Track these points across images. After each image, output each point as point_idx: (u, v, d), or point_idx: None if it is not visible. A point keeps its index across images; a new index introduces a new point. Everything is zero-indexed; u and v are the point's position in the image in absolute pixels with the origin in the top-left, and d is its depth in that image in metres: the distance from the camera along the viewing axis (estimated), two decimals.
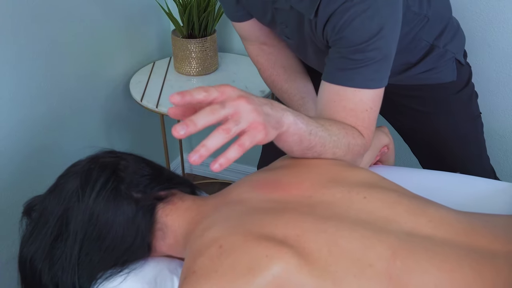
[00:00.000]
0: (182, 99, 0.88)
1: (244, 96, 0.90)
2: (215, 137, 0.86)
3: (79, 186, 1.12)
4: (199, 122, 0.87)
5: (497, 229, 1.03)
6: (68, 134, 1.99)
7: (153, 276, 1.18)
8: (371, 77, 1.19)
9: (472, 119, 1.64)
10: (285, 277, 0.91)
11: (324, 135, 1.11)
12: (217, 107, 0.87)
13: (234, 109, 0.88)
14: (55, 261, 1.13)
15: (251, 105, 0.89)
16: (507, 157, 2.20)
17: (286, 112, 1.00)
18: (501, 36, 1.97)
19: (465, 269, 0.92)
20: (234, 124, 0.87)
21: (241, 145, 0.87)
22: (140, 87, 2.18)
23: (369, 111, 1.21)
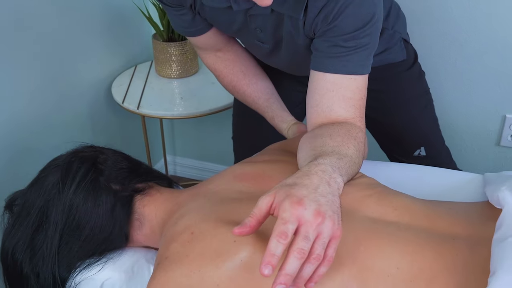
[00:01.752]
0: (275, 265, 0.80)
1: (319, 213, 0.84)
2: (309, 267, 0.83)
3: (59, 178, 1.17)
4: (294, 272, 0.82)
5: (459, 214, 1.08)
6: (50, 136, 2.02)
7: (130, 265, 1.22)
8: (363, 63, 1.19)
9: (424, 94, 1.67)
10: (253, 262, 0.96)
11: (353, 170, 1.07)
12: (303, 245, 0.82)
13: (316, 233, 0.84)
14: (36, 251, 1.16)
15: (327, 219, 0.85)
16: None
17: (337, 179, 0.95)
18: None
19: (426, 251, 0.97)
20: (321, 248, 0.84)
21: (330, 259, 0.85)
22: (122, 90, 2.22)
23: (363, 99, 1.22)
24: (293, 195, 0.86)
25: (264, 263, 0.79)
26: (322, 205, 0.86)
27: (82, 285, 1.19)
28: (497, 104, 2.14)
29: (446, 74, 2.13)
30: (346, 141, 1.10)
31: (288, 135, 1.53)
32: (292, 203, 0.84)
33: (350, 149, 1.08)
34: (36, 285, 1.17)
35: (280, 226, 0.82)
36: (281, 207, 0.85)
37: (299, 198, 0.85)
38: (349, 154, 1.06)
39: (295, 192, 0.87)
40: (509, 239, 0.92)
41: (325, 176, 0.93)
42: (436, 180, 1.40)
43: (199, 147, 2.82)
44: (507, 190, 1.04)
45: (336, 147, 1.06)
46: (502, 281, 0.86)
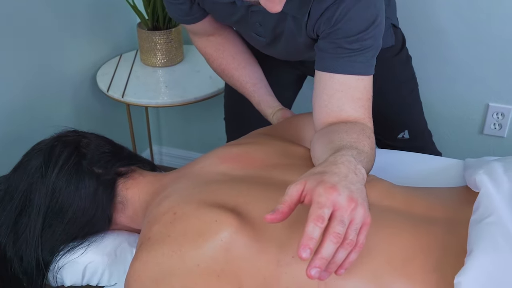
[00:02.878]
0: (312, 248, 0.80)
1: (352, 198, 0.85)
2: (342, 252, 0.83)
3: (42, 162, 1.17)
4: (330, 255, 0.82)
5: (436, 199, 1.10)
6: (35, 125, 2.02)
7: (113, 248, 1.23)
8: (369, 64, 1.21)
9: (411, 78, 1.69)
10: (233, 242, 0.97)
11: (367, 158, 1.08)
12: (339, 229, 0.82)
13: (350, 218, 0.85)
14: (19, 235, 1.17)
15: (360, 205, 0.86)
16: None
17: (361, 169, 0.96)
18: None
19: (404, 233, 0.98)
20: (354, 233, 0.84)
21: (361, 245, 0.86)
22: (107, 79, 2.22)
23: (370, 99, 1.23)
24: (326, 181, 0.86)
25: (302, 246, 0.79)
26: (354, 192, 0.87)
27: (65, 268, 1.20)
28: (480, 92, 2.16)
29: (429, 62, 2.15)
30: (361, 139, 1.11)
31: (272, 121, 1.54)
32: (326, 188, 0.85)
33: (365, 146, 1.09)
34: (20, 268, 1.17)
35: (316, 211, 0.82)
36: (315, 192, 0.85)
37: (333, 184, 0.86)
38: (365, 151, 1.08)
39: (327, 178, 0.87)
40: (485, 220, 0.94)
41: (351, 166, 0.93)
42: (417, 165, 1.42)
43: (185, 137, 2.82)
44: (484, 173, 1.06)
45: (354, 142, 1.07)
46: (477, 260, 0.87)
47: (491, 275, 0.86)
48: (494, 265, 0.87)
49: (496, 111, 2.16)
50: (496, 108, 2.16)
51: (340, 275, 0.85)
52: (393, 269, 0.93)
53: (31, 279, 1.18)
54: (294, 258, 0.96)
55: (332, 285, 0.94)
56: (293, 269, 0.95)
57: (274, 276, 0.96)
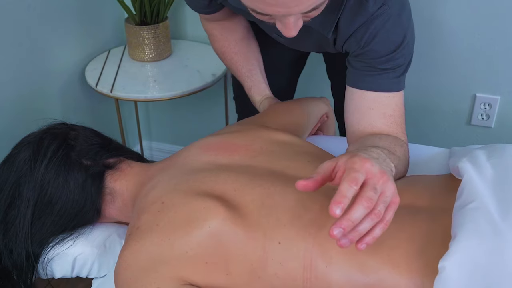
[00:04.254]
0: (344, 207, 0.80)
1: (385, 173, 0.87)
2: (368, 222, 0.83)
3: (31, 155, 1.18)
4: (358, 219, 0.82)
5: (421, 187, 1.11)
6: (24, 121, 2.01)
7: (102, 240, 1.24)
8: (399, 80, 1.22)
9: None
10: (221, 229, 0.99)
11: (398, 171, 1.10)
12: (372, 194, 0.83)
13: (381, 190, 0.86)
14: (9, 228, 1.17)
15: (391, 181, 0.87)
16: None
17: (393, 169, 0.99)
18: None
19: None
20: (383, 205, 0.85)
21: (387, 223, 0.86)
22: (95, 74, 2.22)
23: (403, 116, 1.24)
24: (359, 155, 0.88)
25: (335, 203, 0.79)
26: (385, 171, 0.88)
27: (55, 260, 1.20)
28: (467, 83, 2.17)
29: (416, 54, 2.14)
30: (394, 145, 1.14)
31: (260, 108, 1.56)
32: (361, 158, 0.86)
33: (397, 152, 1.12)
34: (10, 261, 1.18)
35: (351, 173, 0.83)
36: (349, 162, 0.86)
37: (366, 157, 0.87)
38: (397, 155, 1.11)
39: (360, 154, 0.89)
40: (468, 205, 0.95)
41: (380, 156, 0.96)
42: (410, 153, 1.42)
43: (175, 132, 2.83)
44: (467, 161, 1.07)
45: (386, 145, 1.10)
46: (461, 244, 0.89)
47: (474, 258, 0.87)
48: (477, 249, 0.88)
49: (483, 101, 2.18)
50: (483, 98, 2.17)
51: (360, 250, 0.84)
52: (378, 257, 0.95)
53: (21, 272, 1.18)
54: (280, 245, 0.97)
55: (318, 272, 0.95)
56: (280, 256, 0.97)
57: (261, 262, 0.97)
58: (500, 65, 2.09)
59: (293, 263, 0.96)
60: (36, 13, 2.02)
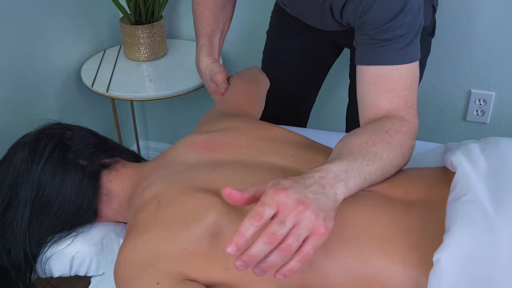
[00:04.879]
0: (240, 246, 0.79)
1: (301, 201, 0.83)
2: (278, 254, 0.80)
3: (27, 155, 1.18)
4: (259, 256, 0.80)
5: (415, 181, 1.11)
6: (18, 122, 2.02)
7: (100, 239, 1.25)
8: (404, 52, 1.16)
9: (423, 67, 1.65)
10: (218, 224, 0.99)
11: (380, 166, 1.05)
12: (276, 228, 0.80)
13: (294, 221, 0.81)
14: (6, 228, 1.18)
15: (309, 210, 0.82)
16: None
17: (336, 187, 0.93)
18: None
19: (383, 216, 1.00)
20: (295, 239, 0.81)
21: (304, 256, 0.82)
22: (91, 74, 2.23)
23: (409, 89, 1.18)
24: (281, 184, 0.85)
25: (232, 242, 0.78)
26: (309, 199, 0.84)
27: (53, 259, 1.21)
28: (462, 79, 2.18)
29: None
30: (373, 138, 1.08)
31: (204, 70, 1.59)
32: (276, 189, 0.83)
33: (375, 146, 1.06)
34: (8, 261, 1.18)
35: (256, 208, 0.81)
36: (265, 192, 0.84)
37: (285, 187, 0.84)
38: (373, 151, 1.05)
39: (284, 182, 0.86)
40: (462, 198, 0.95)
41: (322, 181, 0.91)
42: None
43: (171, 131, 2.83)
44: (461, 154, 1.07)
45: (358, 146, 1.06)
46: (455, 237, 0.89)
47: (468, 251, 0.88)
48: (471, 242, 0.89)
49: (478, 97, 2.18)
50: (478, 94, 2.18)
51: (278, 279, 0.82)
52: (373, 249, 0.95)
53: (19, 272, 1.19)
54: None
55: (314, 264, 0.96)
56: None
57: None
58: (494, 61, 2.10)
59: None
60: (31, 13, 2.03)
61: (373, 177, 1.02)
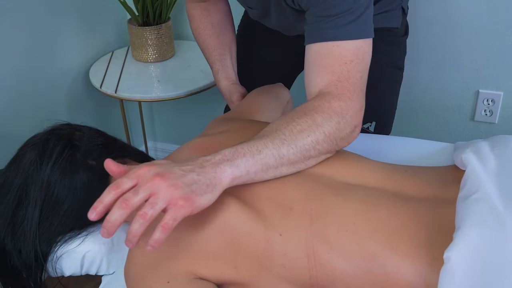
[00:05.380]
0: (99, 211, 0.88)
1: (160, 174, 0.88)
2: (135, 222, 0.86)
3: (37, 156, 1.18)
4: (115, 221, 0.86)
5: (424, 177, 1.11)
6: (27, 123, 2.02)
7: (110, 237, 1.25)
8: (347, 28, 1.12)
9: (400, 69, 1.66)
10: (227, 224, 1.00)
11: (291, 146, 1.04)
12: (129, 195, 0.86)
13: (150, 191, 0.87)
14: (17, 228, 1.18)
15: (167, 182, 0.87)
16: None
17: (219, 167, 0.96)
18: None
19: (381, 209, 1.00)
20: (150, 207, 0.86)
21: (164, 226, 0.86)
22: (99, 76, 2.24)
23: (349, 64, 1.12)
24: (152, 162, 0.92)
25: (92, 208, 0.87)
26: (171, 173, 0.89)
27: (64, 258, 1.21)
28: (469, 79, 2.18)
29: (419, 50, 2.17)
30: (285, 123, 1.07)
31: (225, 93, 1.61)
32: (140, 167, 0.90)
33: (288, 127, 1.05)
34: (19, 260, 1.19)
35: (117, 180, 0.89)
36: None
37: (152, 164, 0.91)
38: (285, 132, 1.04)
39: (157, 161, 0.93)
40: (472, 196, 0.95)
41: (204, 162, 0.95)
42: (407, 149, 1.43)
43: (179, 132, 2.84)
44: (471, 152, 1.07)
45: (270, 128, 1.06)
46: (465, 235, 0.89)
47: (478, 249, 0.88)
48: (481, 240, 0.89)
49: (486, 97, 2.18)
50: (487, 94, 2.18)
51: (148, 250, 0.86)
52: (376, 243, 0.95)
53: (30, 271, 1.19)
54: (281, 236, 0.98)
55: (321, 259, 0.96)
56: (283, 247, 0.98)
57: (266, 254, 0.98)
58: (503, 61, 2.10)
59: (297, 253, 0.97)
60: (40, 15, 2.04)
61: (277, 157, 1.01)
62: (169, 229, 0.86)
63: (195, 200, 0.89)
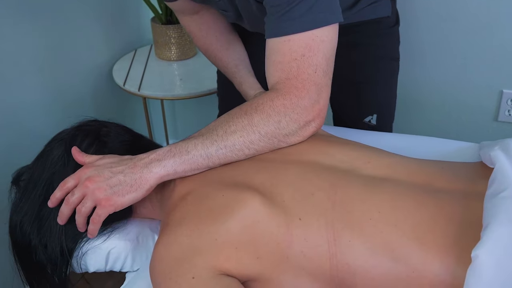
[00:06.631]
0: (53, 202, 1.14)
1: (89, 178, 1.09)
2: (76, 217, 1.12)
3: (64, 151, 1.19)
4: (64, 213, 1.12)
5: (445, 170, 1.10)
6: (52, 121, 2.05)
7: (135, 234, 1.26)
8: (300, 20, 1.08)
9: (396, 60, 1.63)
10: (247, 213, 1.01)
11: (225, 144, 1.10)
12: (69, 196, 1.11)
13: (81, 192, 1.09)
14: (43, 223, 1.19)
15: (93, 185, 1.08)
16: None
17: (147, 168, 1.09)
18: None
19: (408, 199, 1.00)
20: (82, 205, 1.09)
21: (92, 220, 1.10)
22: (123, 74, 2.26)
23: (299, 60, 1.10)
24: (95, 162, 1.13)
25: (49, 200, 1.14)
26: (100, 176, 1.09)
27: (89, 254, 1.22)
28: (493, 79, 2.16)
29: (440, 50, 2.16)
30: (227, 119, 1.14)
31: None
32: (83, 168, 1.12)
33: (230, 127, 1.11)
34: (44, 255, 1.19)
35: (66, 179, 1.12)
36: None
37: (92, 165, 1.12)
38: (222, 130, 1.12)
39: (99, 162, 1.13)
40: (501, 194, 0.94)
41: (137, 162, 1.10)
42: (431, 148, 1.42)
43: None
44: (499, 149, 1.06)
45: (212, 126, 1.16)
46: (494, 234, 0.88)
47: (507, 248, 0.87)
48: (510, 239, 0.88)
49: (510, 97, 2.16)
50: (510, 94, 2.15)
51: (89, 237, 1.15)
52: (402, 233, 0.95)
53: (55, 266, 1.20)
54: (301, 221, 0.99)
55: (342, 247, 0.96)
56: (303, 232, 0.98)
57: (287, 240, 0.98)
58: None
59: (317, 238, 0.97)
60: (64, 14, 2.05)
61: (205, 157, 1.10)
62: (97, 222, 1.10)
63: (116, 200, 1.08)
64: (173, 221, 1.05)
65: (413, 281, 0.93)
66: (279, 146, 1.13)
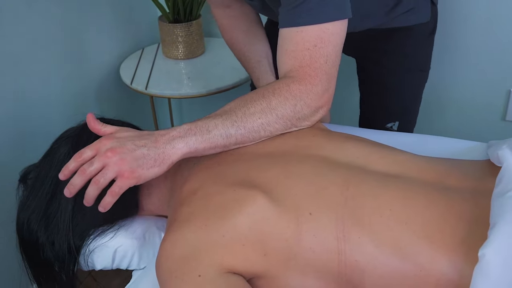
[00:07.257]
0: (65, 174, 1.07)
1: (112, 149, 1.03)
2: (90, 187, 1.04)
3: (71, 149, 1.19)
4: (76, 184, 1.05)
5: (454, 168, 1.10)
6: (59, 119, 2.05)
7: (142, 232, 1.26)
8: (311, 13, 1.12)
9: (426, 70, 1.65)
10: (255, 209, 1.01)
11: (243, 126, 1.13)
12: (86, 166, 1.04)
13: (102, 163, 1.02)
14: (50, 220, 1.19)
15: (116, 156, 1.02)
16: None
17: (171, 144, 1.07)
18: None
19: (419, 197, 1.00)
20: (101, 176, 1.02)
21: (111, 192, 1.03)
22: (130, 72, 2.26)
23: (312, 49, 1.14)
24: (115, 133, 1.08)
25: (60, 172, 1.06)
26: (123, 148, 1.03)
27: (96, 252, 1.22)
28: (501, 78, 2.15)
29: (449, 49, 2.15)
30: (250, 100, 1.15)
31: None
32: (103, 139, 1.06)
33: (248, 109, 1.14)
34: (52, 253, 1.20)
35: (81, 150, 1.06)
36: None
37: (113, 137, 1.06)
38: (240, 112, 1.14)
39: (118, 134, 1.08)
40: (508, 193, 0.94)
41: (159, 138, 1.07)
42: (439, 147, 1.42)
43: None
44: (507, 148, 1.06)
45: (229, 108, 1.16)
46: (501, 233, 0.88)
47: None
48: None
49: None
50: None
51: (100, 211, 1.05)
52: (411, 231, 0.95)
53: (63, 264, 1.20)
54: (311, 215, 0.98)
55: (351, 243, 0.96)
56: (312, 227, 0.98)
57: (295, 236, 0.97)
58: None
59: (326, 234, 0.97)
60: (72, 12, 2.05)
61: (225, 137, 1.11)
62: (116, 195, 1.03)
63: (140, 173, 1.03)
64: (181, 217, 1.05)
65: (420, 280, 0.93)
66: (291, 130, 1.17)
